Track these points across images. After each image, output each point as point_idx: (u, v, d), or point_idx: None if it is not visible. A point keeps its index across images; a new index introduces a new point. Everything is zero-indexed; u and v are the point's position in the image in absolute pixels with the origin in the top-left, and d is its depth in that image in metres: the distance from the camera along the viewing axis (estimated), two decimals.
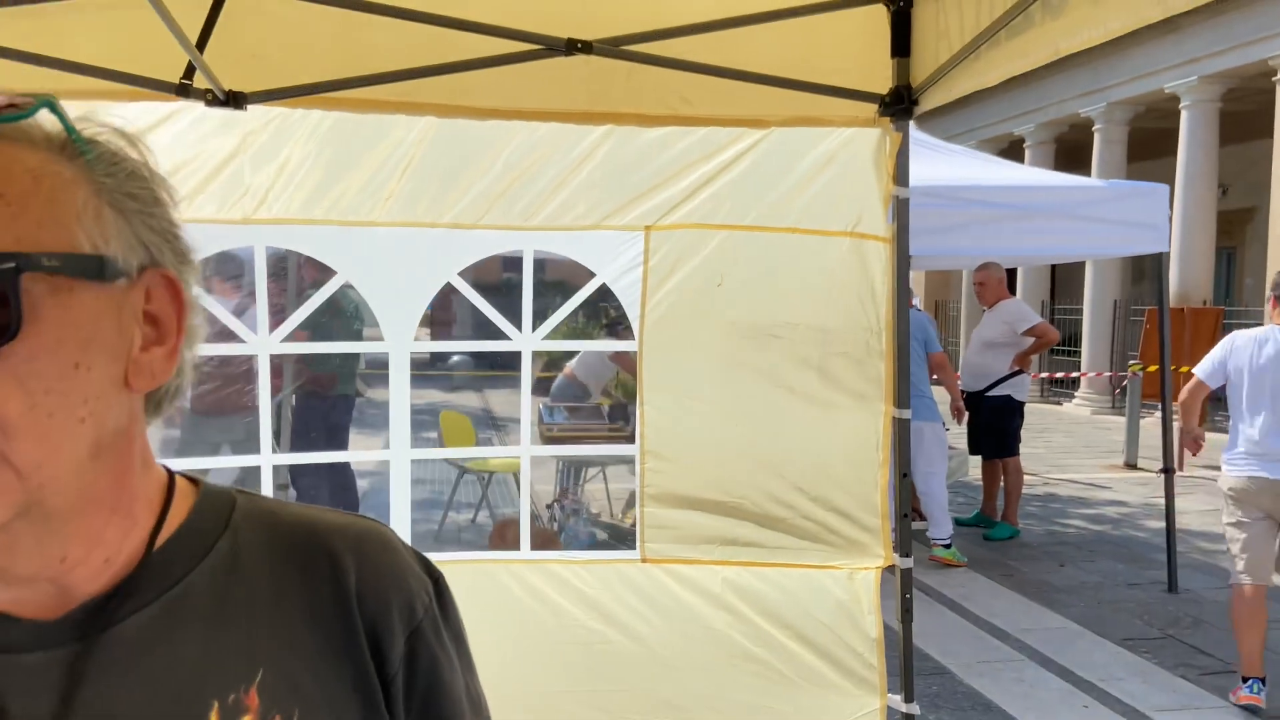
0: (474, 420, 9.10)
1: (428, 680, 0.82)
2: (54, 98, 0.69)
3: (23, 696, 0.68)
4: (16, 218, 0.64)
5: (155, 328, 0.72)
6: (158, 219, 0.73)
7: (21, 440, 0.63)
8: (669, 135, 2.61)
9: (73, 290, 0.65)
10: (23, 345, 0.63)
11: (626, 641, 2.80)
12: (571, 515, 7.09)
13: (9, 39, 2.19)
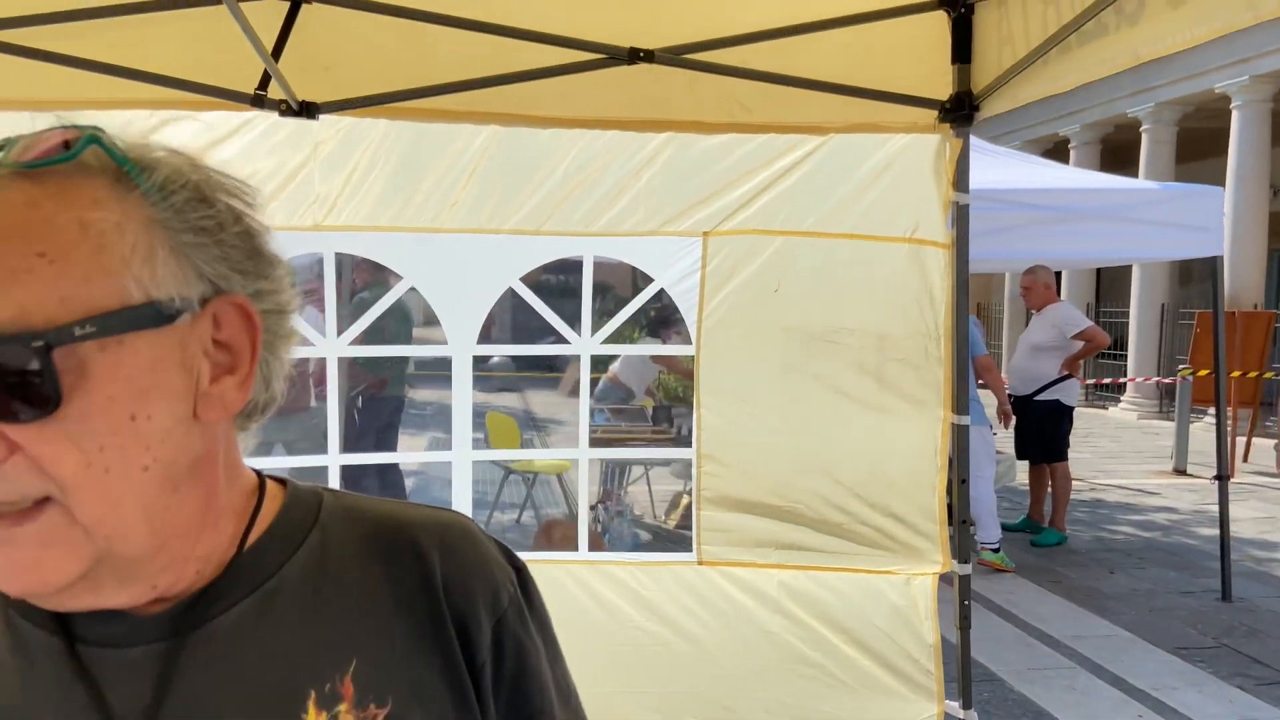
0: (517, 422, 9.19)
1: (515, 668, 0.83)
2: (100, 131, 0.68)
3: (121, 688, 0.70)
4: (61, 275, 0.62)
5: (227, 355, 0.71)
6: (224, 243, 0.70)
7: (81, 498, 0.63)
8: (728, 142, 2.63)
9: (123, 342, 0.64)
10: (72, 407, 0.62)
11: (682, 643, 2.82)
12: (615, 517, 7.13)
13: (93, 51, 2.26)
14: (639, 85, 2.43)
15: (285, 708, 0.72)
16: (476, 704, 0.80)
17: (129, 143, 0.68)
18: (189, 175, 0.69)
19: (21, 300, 0.60)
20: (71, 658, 0.71)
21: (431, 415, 11.84)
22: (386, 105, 2.41)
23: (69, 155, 0.65)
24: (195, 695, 0.71)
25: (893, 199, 2.63)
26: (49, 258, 0.62)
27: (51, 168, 0.64)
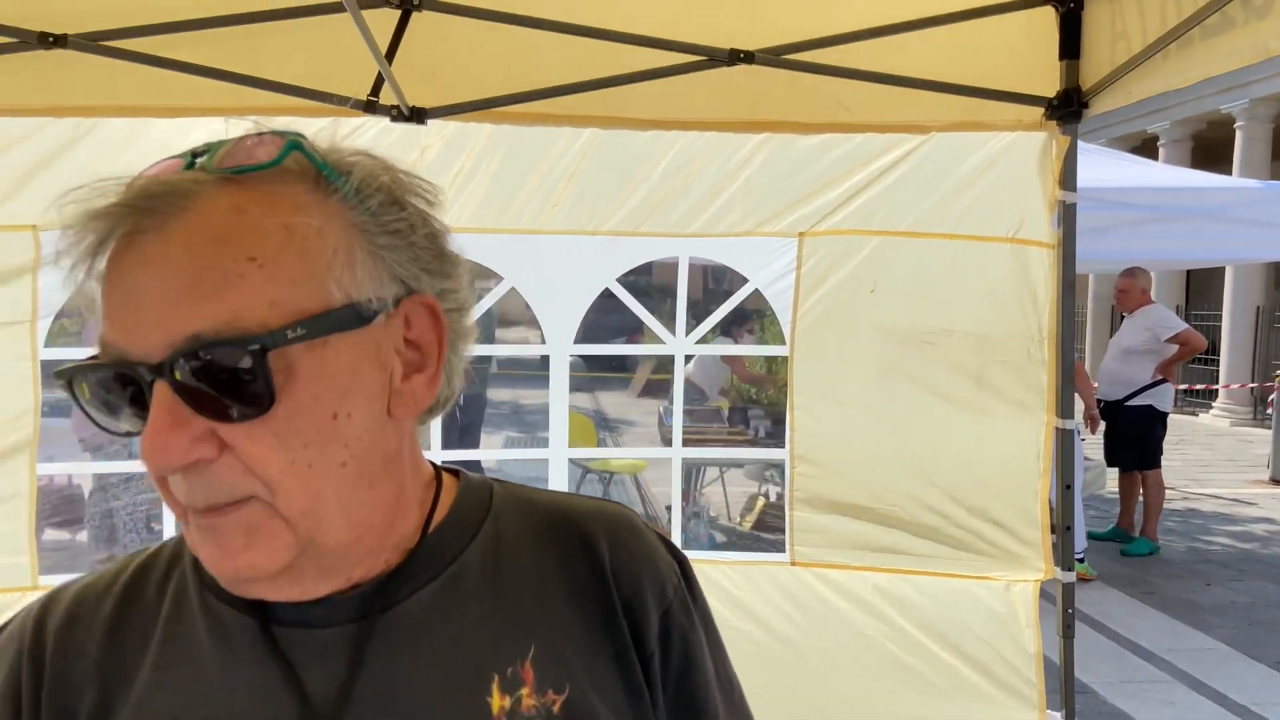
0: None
1: (682, 661, 0.85)
2: (301, 137, 0.70)
3: (315, 667, 0.73)
4: (271, 279, 0.64)
5: (417, 353, 0.74)
6: (415, 244, 0.72)
7: (286, 495, 0.66)
8: (826, 142, 2.62)
9: (327, 344, 0.66)
10: (280, 407, 0.64)
11: (773, 642, 2.82)
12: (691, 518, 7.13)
13: (211, 58, 2.35)
14: (738, 86, 2.43)
15: (471, 690, 0.74)
16: (647, 693, 0.81)
17: (326, 147, 0.70)
18: (381, 178, 0.71)
19: (235, 304, 0.63)
20: (266, 638, 0.73)
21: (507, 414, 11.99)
22: (490, 110, 2.46)
23: (273, 161, 0.67)
24: (386, 675, 0.73)
25: (995, 198, 2.58)
26: (259, 262, 0.64)
27: (255, 173, 0.66)
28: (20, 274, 2.50)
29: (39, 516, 2.57)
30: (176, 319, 0.62)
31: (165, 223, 0.64)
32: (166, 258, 0.63)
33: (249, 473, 0.65)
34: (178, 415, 0.62)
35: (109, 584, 0.79)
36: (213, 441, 0.64)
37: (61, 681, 0.74)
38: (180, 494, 0.66)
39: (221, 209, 0.65)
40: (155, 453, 0.62)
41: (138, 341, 0.63)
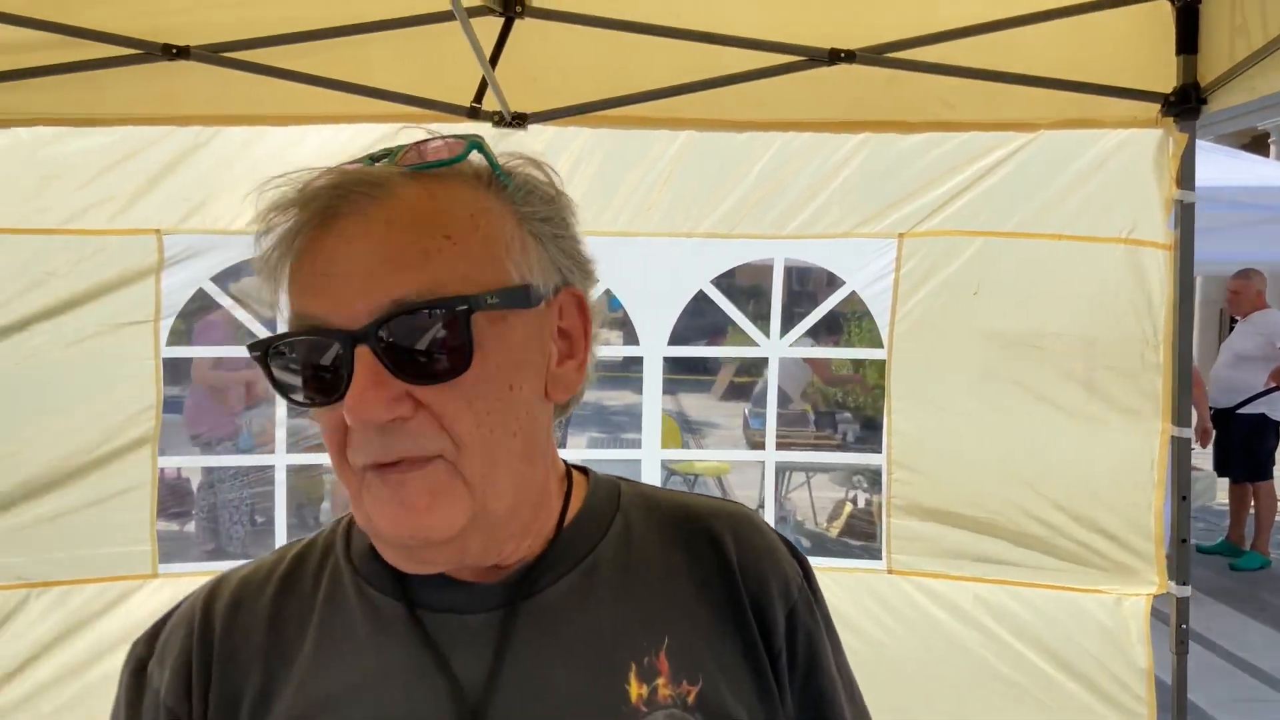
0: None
1: (807, 660, 0.86)
2: (481, 139, 0.76)
3: (463, 650, 0.77)
4: (462, 256, 0.71)
5: (567, 342, 0.79)
6: (566, 240, 0.79)
7: (470, 455, 0.71)
8: (927, 141, 2.57)
9: (505, 319, 0.72)
10: (471, 372, 0.70)
11: (868, 651, 2.77)
12: (778, 523, 7.07)
13: (322, 68, 2.42)
14: (837, 86, 2.40)
15: (610, 677, 0.77)
16: (775, 690, 0.83)
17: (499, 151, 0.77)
18: (540, 181, 0.78)
19: (434, 274, 0.69)
20: (417, 622, 0.78)
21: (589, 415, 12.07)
22: (589, 114, 2.48)
23: (458, 158, 0.74)
24: (529, 660, 0.77)
25: (1106, 198, 2.50)
26: (453, 240, 0.71)
27: (438, 170, 0.73)
28: (144, 276, 2.62)
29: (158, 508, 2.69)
30: (380, 288, 0.68)
31: (365, 207, 0.70)
32: (369, 235, 0.69)
33: (441, 430, 0.70)
34: (379, 376, 0.67)
35: (269, 572, 0.84)
36: (409, 402, 0.69)
37: (229, 662, 0.79)
38: (372, 452, 0.70)
39: (414, 196, 0.71)
40: (362, 408, 0.67)
41: (341, 310, 0.68)
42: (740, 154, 2.67)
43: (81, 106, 2.42)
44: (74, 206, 2.56)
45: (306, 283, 0.71)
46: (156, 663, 0.81)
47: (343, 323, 0.68)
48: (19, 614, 2.56)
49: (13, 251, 2.56)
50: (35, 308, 2.55)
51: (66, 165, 2.54)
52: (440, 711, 0.75)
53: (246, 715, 0.77)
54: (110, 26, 2.29)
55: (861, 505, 7.21)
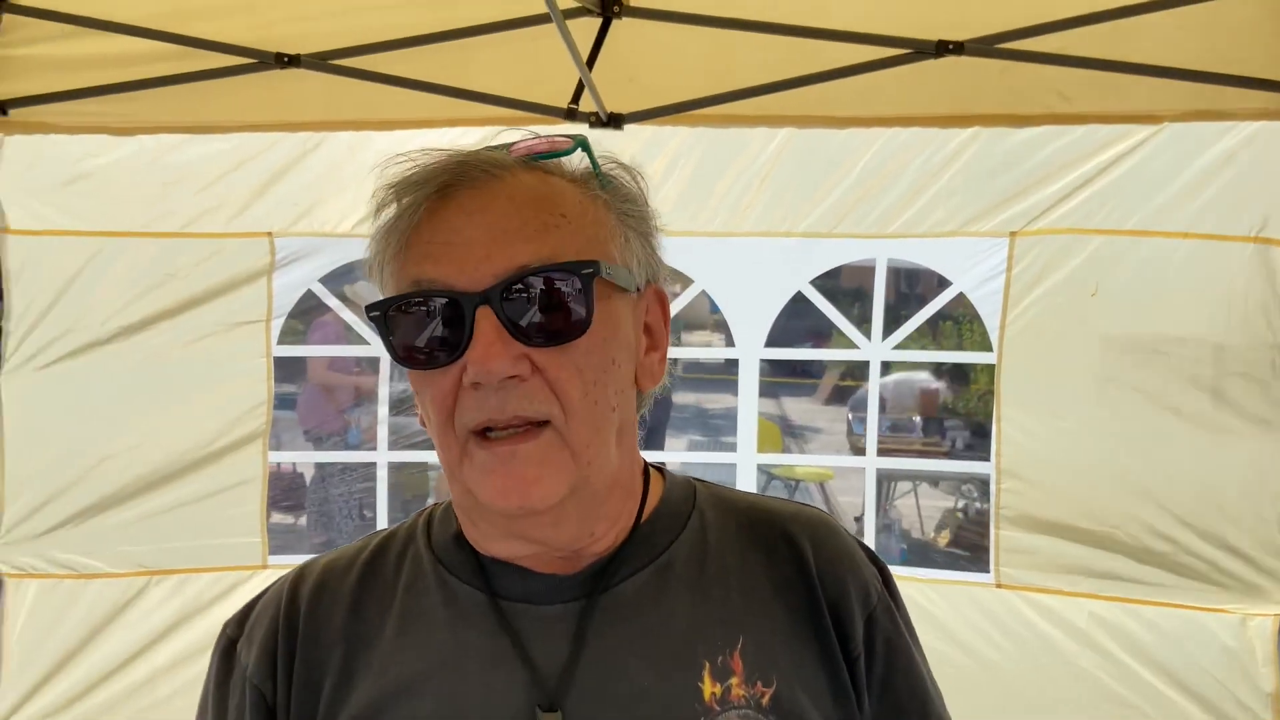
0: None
1: (887, 666, 0.85)
2: (586, 139, 0.80)
3: (541, 641, 0.78)
4: (576, 233, 0.75)
5: (650, 336, 0.82)
6: (651, 239, 0.82)
7: (576, 422, 0.73)
8: (1042, 135, 2.46)
9: (610, 297, 0.76)
10: (582, 340, 0.73)
11: (975, 667, 2.67)
12: (882, 531, 6.90)
13: (424, 73, 2.47)
14: (945, 78, 2.31)
15: (684, 673, 0.77)
16: (853, 695, 0.82)
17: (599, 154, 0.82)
18: (631, 183, 0.82)
19: (554, 244, 0.73)
20: (495, 611, 0.79)
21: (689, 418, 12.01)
22: (686, 113, 2.46)
23: (567, 151, 0.79)
24: (605, 652, 0.78)
25: (1235, 194, 2.35)
26: (568, 218, 0.75)
27: (545, 162, 0.78)
28: (257, 277, 2.72)
29: (268, 501, 2.79)
30: (504, 255, 0.72)
31: (485, 184, 0.75)
32: (491, 209, 0.74)
33: (552, 395, 0.73)
34: (501, 336, 0.71)
35: (352, 559, 0.87)
36: (527, 363, 0.72)
37: (312, 643, 0.82)
38: (487, 410, 0.73)
39: (530, 179, 0.76)
40: (486, 361, 0.70)
41: (464, 274, 0.72)
42: (842, 151, 2.60)
43: (199, 114, 2.53)
44: (193, 211, 2.67)
45: (426, 250, 0.74)
46: (245, 643, 0.85)
47: (466, 285, 0.72)
48: (140, 600, 2.69)
49: (138, 254, 2.69)
50: (158, 308, 2.68)
51: (187, 171, 2.66)
52: (516, 698, 0.76)
53: (328, 695, 0.80)
54: (227, 37, 2.39)
55: (971, 515, 6.98)
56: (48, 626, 2.64)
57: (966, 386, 8.33)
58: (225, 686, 0.84)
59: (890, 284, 2.89)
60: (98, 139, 2.58)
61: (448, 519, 0.86)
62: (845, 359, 2.81)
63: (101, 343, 2.64)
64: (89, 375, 2.64)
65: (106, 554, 2.68)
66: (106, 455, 2.67)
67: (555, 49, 2.13)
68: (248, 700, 0.82)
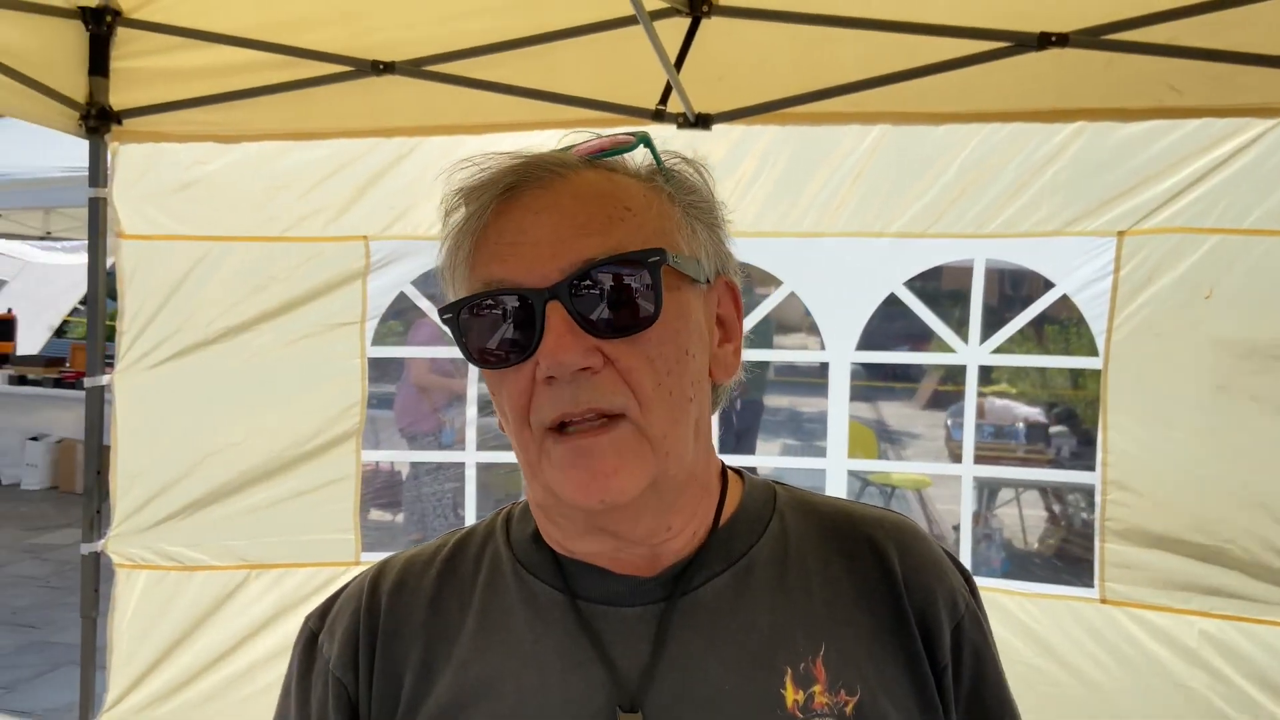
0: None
1: (974, 677, 0.82)
2: (648, 135, 0.80)
3: (623, 642, 0.78)
4: (640, 227, 0.75)
5: (722, 328, 0.82)
6: (718, 232, 0.82)
7: (652, 412, 0.73)
8: (1152, 130, 2.34)
9: (681, 288, 0.75)
10: (653, 331, 0.73)
11: (1077, 686, 2.56)
12: (982, 540, 6.70)
13: (514, 77, 2.49)
14: (1047, 72, 2.23)
15: (765, 679, 0.76)
16: (940, 706, 0.79)
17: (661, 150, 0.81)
18: (695, 177, 0.81)
19: (619, 237, 0.73)
20: (575, 612, 0.79)
21: (783, 421, 11.87)
22: (776, 112, 2.42)
23: (630, 147, 0.79)
24: (685, 654, 0.77)
25: None
26: (633, 211, 0.75)
27: (609, 160, 0.78)
28: (352, 279, 2.79)
29: (362, 499, 2.85)
30: (570, 250, 0.72)
31: (550, 183, 0.75)
32: (557, 206, 0.74)
33: (625, 386, 0.73)
34: (571, 329, 0.71)
35: (432, 556, 0.88)
36: (598, 355, 0.72)
37: (392, 637, 0.83)
38: (561, 404, 0.73)
39: (594, 176, 0.77)
40: (557, 353, 0.71)
41: (533, 272, 0.73)
42: (938, 148, 2.53)
43: (300, 122, 2.61)
44: (294, 215, 2.76)
45: (494, 251, 0.75)
46: (327, 635, 0.86)
47: (535, 282, 0.72)
48: (241, 592, 2.78)
49: (242, 257, 2.78)
50: (260, 309, 2.77)
51: (288, 177, 2.74)
52: (596, 698, 0.76)
53: (409, 689, 0.80)
54: (326, 46, 2.46)
55: (1077, 526, 6.72)
56: (155, 616, 2.76)
57: (1073, 392, 8.03)
58: (308, 678, 0.86)
59: (991, 286, 2.79)
60: (205, 147, 2.69)
61: (526, 518, 0.86)
62: (941, 363, 2.71)
63: (207, 343, 2.74)
64: (195, 374, 2.74)
65: (211, 547, 2.78)
66: (211, 452, 2.77)
67: (643, 50, 2.12)
68: (330, 692, 0.83)
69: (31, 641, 4.85)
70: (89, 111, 2.52)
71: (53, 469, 8.32)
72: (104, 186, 2.62)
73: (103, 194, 2.62)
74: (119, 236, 2.69)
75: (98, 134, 2.57)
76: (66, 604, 5.25)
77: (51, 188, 6.60)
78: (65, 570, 5.97)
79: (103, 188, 2.62)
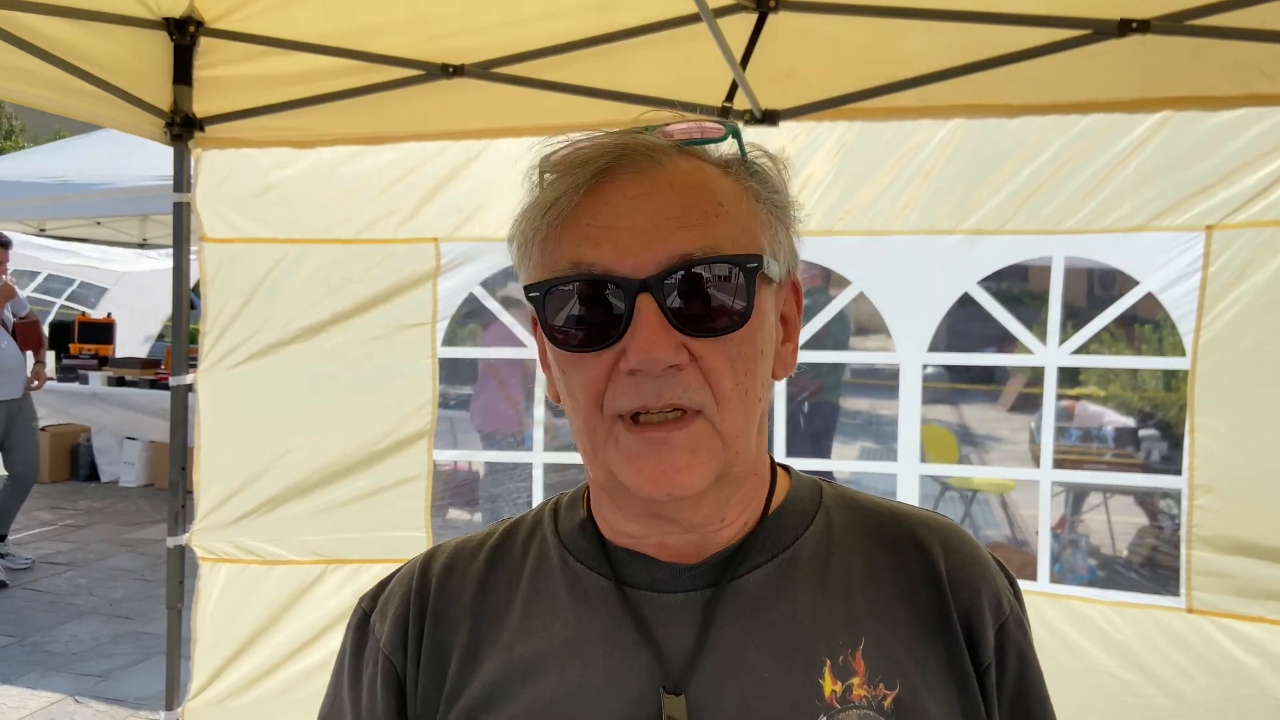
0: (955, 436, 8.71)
1: (1017, 681, 0.82)
2: (739, 125, 0.81)
3: (667, 628, 0.78)
4: (731, 223, 0.74)
5: (785, 326, 0.82)
6: (792, 230, 0.81)
7: (728, 411, 0.74)
8: (1242, 118, 2.24)
9: (759, 289, 0.75)
10: (739, 331, 0.73)
11: (1163, 698, 2.45)
12: (1068, 547, 6.49)
13: (581, 77, 2.50)
14: (1129, 59, 2.15)
15: (804, 668, 0.76)
16: (982, 706, 0.79)
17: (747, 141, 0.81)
18: (775, 170, 0.81)
19: (715, 234, 0.73)
20: (621, 597, 0.80)
21: (862, 425, 11.67)
22: (845, 107, 2.38)
23: (721, 138, 0.78)
24: (728, 641, 0.78)
25: None
26: (725, 207, 0.75)
27: (702, 146, 0.77)
28: (423, 281, 2.83)
29: (441, 497, 2.89)
30: (668, 242, 0.72)
31: (646, 168, 0.74)
32: (654, 194, 0.73)
33: (706, 384, 0.73)
34: (663, 324, 0.71)
35: (481, 542, 0.90)
36: (685, 352, 0.72)
37: (440, 619, 0.85)
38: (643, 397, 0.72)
39: (687, 167, 0.75)
40: (650, 348, 0.70)
41: (626, 260, 0.72)
42: (1013, 141, 2.45)
43: (372, 126, 2.66)
44: (366, 218, 2.81)
45: (586, 233, 0.73)
46: (378, 616, 0.88)
47: (628, 271, 0.72)
48: (317, 586, 2.85)
49: (319, 260, 2.85)
50: (334, 310, 2.83)
51: (360, 181, 2.80)
52: (640, 681, 0.76)
53: (455, 670, 0.82)
54: (398, 51, 2.50)
55: (1168, 533, 6.46)
56: (236, 608, 2.84)
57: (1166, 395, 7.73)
58: (360, 657, 0.88)
59: (1080, 286, 2.70)
60: (283, 152, 2.76)
61: (574, 506, 0.88)
62: (1018, 364, 2.63)
63: (285, 343, 2.81)
64: (274, 374, 2.82)
65: (289, 542, 2.85)
66: (289, 449, 2.84)
67: (711, 47, 2.11)
68: (380, 670, 0.85)
69: (126, 632, 5.05)
70: (173, 119, 2.61)
71: (148, 467, 8.66)
72: (188, 192, 2.71)
73: (186, 199, 2.71)
74: (202, 240, 2.78)
75: (182, 141, 2.66)
76: (159, 596, 5.45)
77: (146, 195, 6.86)
78: (158, 564, 6.21)
79: (186, 193, 2.71)
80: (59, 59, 2.27)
